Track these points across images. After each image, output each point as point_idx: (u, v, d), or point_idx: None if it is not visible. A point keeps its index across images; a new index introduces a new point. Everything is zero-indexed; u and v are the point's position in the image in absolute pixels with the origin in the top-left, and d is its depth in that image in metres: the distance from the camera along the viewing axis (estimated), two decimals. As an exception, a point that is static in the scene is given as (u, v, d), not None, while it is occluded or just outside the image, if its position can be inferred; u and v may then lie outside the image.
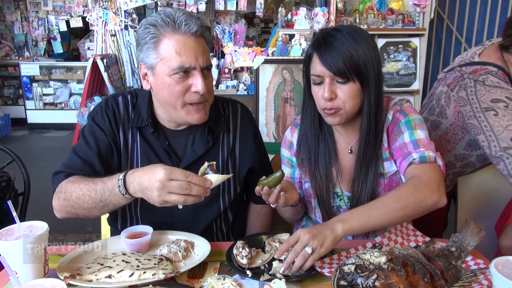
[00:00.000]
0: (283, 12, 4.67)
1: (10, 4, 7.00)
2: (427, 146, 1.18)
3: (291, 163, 1.42)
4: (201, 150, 1.31)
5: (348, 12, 4.66)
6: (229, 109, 1.41)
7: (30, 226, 1.00)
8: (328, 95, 1.16)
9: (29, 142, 6.25)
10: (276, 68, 4.13)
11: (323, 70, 1.16)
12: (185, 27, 1.15)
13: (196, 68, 1.17)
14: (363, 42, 1.16)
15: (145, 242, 1.15)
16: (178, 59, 1.15)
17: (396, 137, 1.24)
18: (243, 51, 4.90)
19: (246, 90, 4.92)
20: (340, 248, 1.11)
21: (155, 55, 1.17)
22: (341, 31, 1.17)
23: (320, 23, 4.38)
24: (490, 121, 1.40)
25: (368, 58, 1.16)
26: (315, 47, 1.19)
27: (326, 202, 1.32)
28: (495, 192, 1.61)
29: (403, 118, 1.25)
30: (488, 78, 1.45)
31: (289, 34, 4.32)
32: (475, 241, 1.05)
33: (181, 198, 1.00)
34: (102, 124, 1.28)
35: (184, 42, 1.16)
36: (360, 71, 1.15)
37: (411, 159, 1.16)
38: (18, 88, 7.09)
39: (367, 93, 1.19)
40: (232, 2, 5.46)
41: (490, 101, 1.42)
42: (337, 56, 1.13)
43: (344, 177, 1.33)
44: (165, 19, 1.16)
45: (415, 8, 4.35)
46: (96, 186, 1.11)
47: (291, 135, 1.42)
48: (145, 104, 1.30)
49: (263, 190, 1.14)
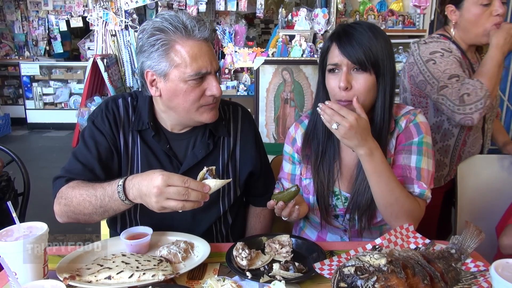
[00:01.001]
0: (283, 13, 4.67)
1: (10, 4, 7.00)
2: (427, 180, 1.23)
3: (293, 159, 1.42)
4: (202, 153, 1.30)
5: (349, 13, 4.67)
6: (229, 112, 1.41)
7: (30, 227, 1.00)
8: (344, 84, 1.16)
9: (29, 142, 6.24)
10: (276, 69, 4.13)
11: (341, 59, 1.18)
12: (198, 33, 1.15)
13: (211, 72, 1.18)
14: (381, 37, 1.19)
15: (144, 243, 1.15)
16: (195, 65, 1.15)
17: (403, 153, 1.25)
18: (243, 52, 4.90)
19: (246, 91, 4.92)
20: (340, 250, 1.11)
21: (167, 62, 1.15)
22: (361, 24, 1.21)
23: (321, 24, 4.38)
24: (430, 70, 1.61)
25: (385, 53, 1.18)
26: (335, 38, 1.22)
27: (326, 198, 1.32)
28: (495, 194, 1.61)
29: (416, 136, 1.26)
30: (428, 39, 1.72)
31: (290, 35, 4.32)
32: (475, 243, 1.05)
33: (179, 204, 1.00)
34: (102, 127, 1.28)
35: (198, 48, 1.16)
36: (377, 63, 1.17)
37: (412, 190, 1.22)
38: (18, 87, 7.08)
39: (382, 87, 1.20)
40: (233, 2, 5.46)
41: (429, 54, 1.64)
42: (357, 46, 1.16)
43: (343, 176, 1.33)
44: (174, 25, 1.14)
45: (415, 10, 4.36)
46: (96, 192, 1.11)
47: (295, 132, 1.42)
48: (145, 108, 1.29)
49: (277, 204, 1.15)
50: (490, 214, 1.58)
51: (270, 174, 1.50)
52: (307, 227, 1.48)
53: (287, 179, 1.41)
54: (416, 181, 1.22)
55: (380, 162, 1.15)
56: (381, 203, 1.20)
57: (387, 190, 1.17)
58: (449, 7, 1.69)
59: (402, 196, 1.18)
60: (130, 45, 5.74)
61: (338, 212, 1.34)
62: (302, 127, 1.41)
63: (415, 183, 1.22)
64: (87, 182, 1.18)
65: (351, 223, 1.33)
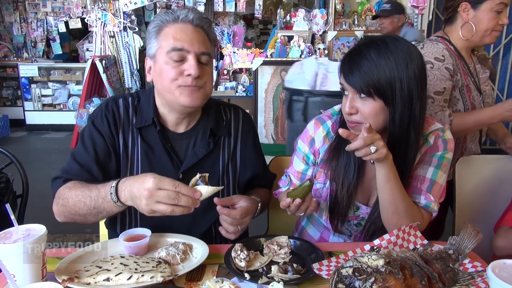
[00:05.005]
0: (281, 13, 4.67)
1: (9, 5, 7.00)
2: (438, 194, 1.23)
3: (307, 160, 1.37)
4: (202, 152, 1.31)
5: (347, 13, 4.67)
6: (231, 114, 1.42)
7: (28, 229, 1.00)
8: (348, 110, 1.15)
9: (27, 143, 6.23)
10: (274, 70, 4.14)
11: (346, 85, 1.16)
12: (183, 16, 1.22)
13: (190, 52, 1.20)
14: (393, 59, 1.10)
15: (143, 245, 1.15)
16: (173, 42, 1.19)
17: (423, 164, 1.24)
18: (242, 53, 4.91)
19: (244, 92, 4.93)
20: (338, 251, 1.11)
21: (156, 43, 1.22)
22: (371, 46, 1.12)
23: (319, 25, 4.39)
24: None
25: (395, 77, 1.10)
26: (343, 58, 1.19)
27: (345, 209, 1.30)
28: (492, 194, 1.62)
29: (442, 150, 1.25)
30: (425, 43, 1.74)
31: (288, 36, 4.33)
32: (472, 244, 1.05)
33: (168, 208, 1.00)
34: (101, 127, 1.28)
35: (181, 29, 1.21)
36: (382, 90, 1.11)
37: (417, 200, 1.22)
38: (17, 89, 7.07)
39: (391, 112, 1.14)
40: (231, 3, 5.47)
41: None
42: (358, 75, 1.11)
43: (362, 187, 1.31)
44: (169, 13, 1.23)
45: (413, 10, 4.37)
46: (91, 193, 1.13)
47: (314, 131, 1.35)
48: (150, 104, 1.31)
49: (294, 202, 1.14)
50: (488, 215, 1.58)
51: (269, 175, 1.52)
52: (310, 227, 1.47)
53: (296, 177, 1.39)
54: (424, 193, 1.22)
55: (393, 167, 1.14)
56: (390, 210, 1.18)
57: (400, 197, 1.15)
58: (464, 5, 1.69)
59: (410, 206, 1.18)
60: (128, 46, 5.74)
61: (349, 218, 1.34)
62: (324, 128, 1.33)
63: (423, 194, 1.22)
64: (83, 183, 1.19)
65: (359, 229, 1.33)
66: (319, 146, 1.33)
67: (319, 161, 1.35)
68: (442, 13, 1.84)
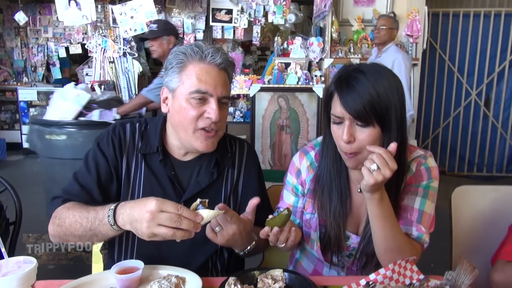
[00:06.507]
0: (279, 41, 4.75)
1: (10, 31, 7.10)
2: (428, 225, 1.22)
3: (296, 191, 1.38)
4: (205, 182, 1.31)
5: (343, 42, 4.76)
6: (236, 146, 1.43)
7: (19, 261, 0.98)
8: (347, 138, 1.13)
9: (23, 167, 6.21)
10: (272, 96, 4.18)
11: (343, 112, 1.13)
12: (210, 57, 1.22)
13: (213, 95, 1.21)
14: (386, 84, 1.12)
15: (135, 278, 1.12)
16: (197, 83, 1.20)
17: (409, 194, 1.24)
18: (239, 79, 4.97)
19: (242, 117, 4.97)
20: (334, 285, 1.10)
21: (178, 79, 1.22)
22: (364, 72, 1.12)
23: (316, 52, 4.47)
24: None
25: (390, 101, 1.11)
26: (337, 86, 1.16)
27: (340, 241, 1.28)
28: (489, 226, 1.61)
29: (426, 179, 1.24)
30: None
31: (285, 63, 4.40)
32: (468, 280, 1.04)
33: (169, 231, 0.98)
34: (106, 150, 1.30)
35: (207, 70, 1.21)
36: (381, 115, 1.11)
37: (409, 232, 1.21)
38: (15, 113, 7.09)
39: (387, 138, 1.14)
40: (229, 30, 5.57)
41: None
42: (358, 99, 1.09)
43: (351, 216, 1.30)
44: (194, 49, 1.22)
45: (408, 39, 4.46)
46: (88, 215, 1.12)
47: (299, 162, 1.36)
48: (157, 132, 1.32)
49: (272, 231, 1.12)
50: (486, 246, 1.57)
51: (269, 207, 1.50)
52: (303, 259, 1.45)
53: None
54: (415, 224, 1.21)
55: (387, 205, 1.13)
56: (381, 247, 1.17)
57: (391, 235, 1.15)
58: None
59: (404, 243, 1.17)
60: (127, 72, 5.81)
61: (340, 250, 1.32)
62: (307, 159, 1.35)
63: (414, 225, 1.21)
64: (82, 204, 1.19)
65: (351, 260, 1.32)
66: (305, 176, 1.35)
67: (306, 191, 1.35)
68: None
